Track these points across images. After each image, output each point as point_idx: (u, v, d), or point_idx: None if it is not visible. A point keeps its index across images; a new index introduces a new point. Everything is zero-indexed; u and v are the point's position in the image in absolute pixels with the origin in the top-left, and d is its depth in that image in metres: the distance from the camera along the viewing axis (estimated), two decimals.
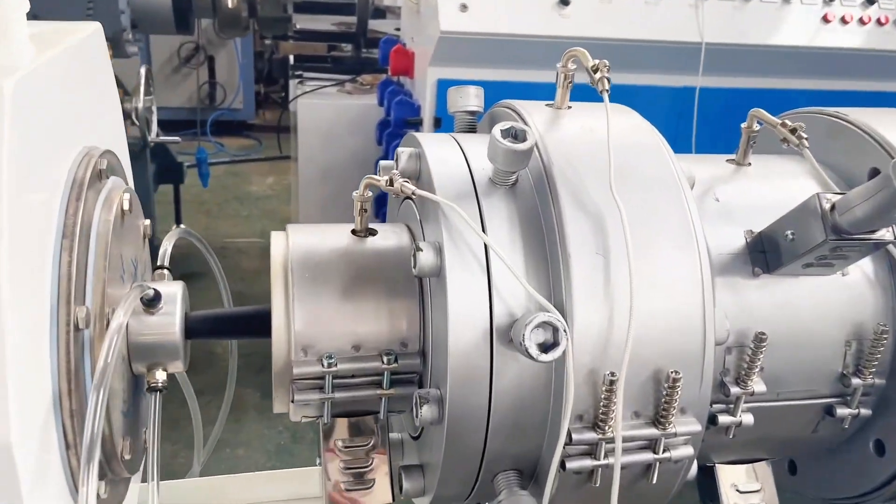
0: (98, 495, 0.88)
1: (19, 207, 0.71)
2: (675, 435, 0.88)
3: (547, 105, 1.03)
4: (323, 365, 0.94)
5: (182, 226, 1.16)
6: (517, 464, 0.93)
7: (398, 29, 4.27)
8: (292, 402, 0.97)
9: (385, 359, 0.96)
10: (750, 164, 1.11)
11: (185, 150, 5.25)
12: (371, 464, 1.02)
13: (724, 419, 0.97)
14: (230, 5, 4.36)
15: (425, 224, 0.98)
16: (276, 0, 4.47)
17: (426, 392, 0.90)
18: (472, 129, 1.10)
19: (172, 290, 0.99)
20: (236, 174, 7.15)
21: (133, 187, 1.04)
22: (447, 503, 1.04)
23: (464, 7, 3.22)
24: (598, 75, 0.92)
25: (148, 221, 1.11)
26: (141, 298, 0.95)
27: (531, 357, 0.82)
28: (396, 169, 0.98)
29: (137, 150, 3.91)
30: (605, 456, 0.87)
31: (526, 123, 0.96)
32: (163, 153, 4.37)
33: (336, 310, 0.96)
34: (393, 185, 0.93)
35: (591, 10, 3.45)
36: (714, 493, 1.10)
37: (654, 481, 0.90)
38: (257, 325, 1.01)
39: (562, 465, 0.87)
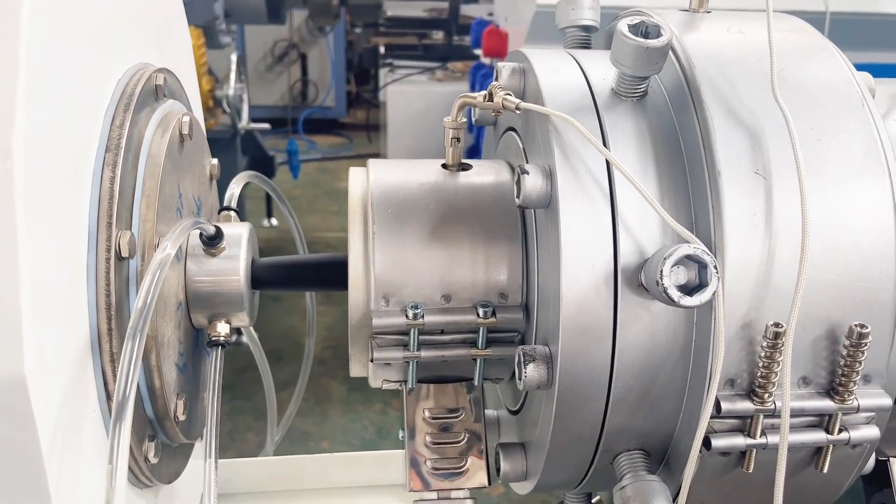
0: (146, 458, 0.76)
1: (43, 109, 0.58)
2: (857, 410, 0.68)
3: (680, 10, 0.84)
4: (408, 316, 0.78)
5: (252, 172, 1.03)
6: (645, 443, 0.75)
7: (491, 14, 4.12)
8: (371, 361, 0.82)
9: (481, 311, 0.79)
10: None
11: (276, 147, 5.28)
12: (463, 439, 0.86)
13: None
14: None
15: (531, 156, 0.81)
16: None
17: (531, 348, 0.73)
18: (586, 48, 0.92)
19: (237, 231, 0.86)
20: (327, 171, 7.18)
21: (193, 115, 0.92)
22: (553, 490, 0.87)
23: None
24: None
25: (216, 161, 0.99)
26: (200, 235, 0.82)
27: (670, 300, 0.64)
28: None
29: (228, 136, 3.90)
30: (763, 433, 0.68)
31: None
32: (254, 146, 4.36)
33: (423, 253, 0.81)
34: (493, 100, 0.77)
35: None
36: (889, 494, 0.89)
37: (825, 470, 0.71)
38: (333, 273, 0.87)
39: (706, 442, 0.69)
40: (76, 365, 0.64)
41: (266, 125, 4.03)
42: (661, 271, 0.63)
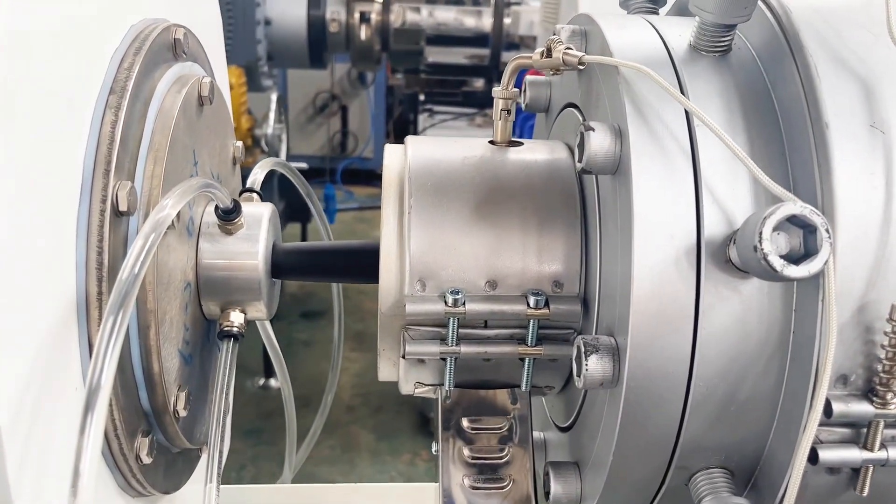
0: (137, 457, 0.65)
1: (26, 31, 0.50)
2: None
3: None
4: (446, 303, 0.67)
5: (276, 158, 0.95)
6: (728, 459, 0.62)
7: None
8: (403, 357, 0.70)
9: (532, 301, 0.68)
10: None
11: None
12: (507, 455, 0.73)
13: None
14: (363, 38, 4.33)
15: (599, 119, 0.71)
16: (408, 33, 4.41)
17: (594, 338, 0.62)
18: None
19: (258, 211, 0.77)
20: (363, 220, 7.19)
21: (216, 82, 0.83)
22: None
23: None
24: None
25: (240, 143, 0.90)
26: (216, 209, 0.73)
27: (772, 271, 0.52)
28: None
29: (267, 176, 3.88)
30: (883, 445, 0.55)
31: None
32: (291, 189, 4.34)
33: (466, 232, 0.70)
34: (551, 56, 0.67)
35: None
36: None
37: None
38: (364, 262, 0.76)
39: (811, 455, 0.56)
40: (56, 331, 0.54)
41: (303, 165, 4.01)
42: (761, 233, 0.52)
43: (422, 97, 4.93)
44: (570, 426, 0.76)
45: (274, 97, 3.84)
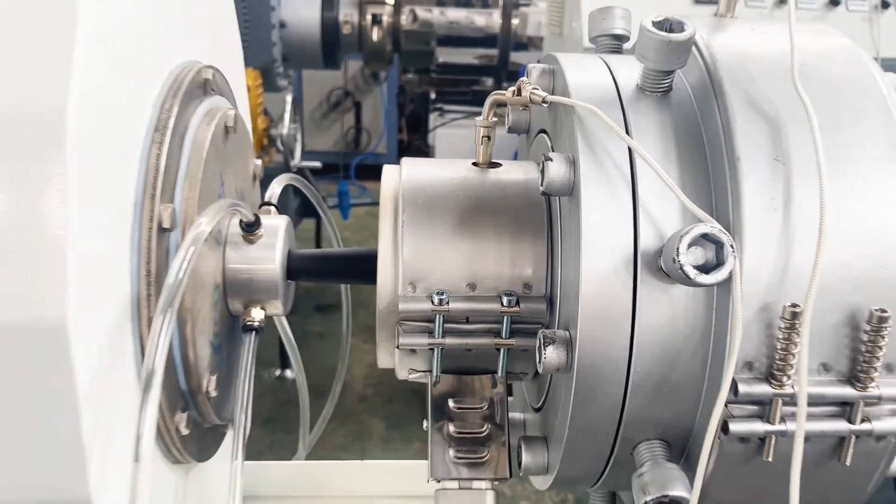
0: (177, 429, 0.79)
1: (95, 95, 0.63)
2: (879, 399, 0.67)
3: (710, 16, 0.87)
4: (433, 302, 0.81)
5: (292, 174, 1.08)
6: (665, 432, 0.75)
7: (539, 61, 4.19)
8: (397, 347, 0.84)
9: (505, 300, 0.81)
10: None
11: (329, 192, 5.41)
12: (486, 431, 0.86)
13: None
14: (375, 39, 4.46)
15: (557, 150, 0.84)
16: (419, 34, 4.53)
17: (552, 332, 0.75)
18: None
19: (275, 223, 0.90)
20: (376, 215, 7.27)
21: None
22: (572, 486, 0.86)
23: None
24: None
25: (259, 161, 1.04)
26: (239, 222, 0.86)
27: (686, 278, 0.65)
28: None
29: (280, 174, 4.02)
30: (783, 420, 0.68)
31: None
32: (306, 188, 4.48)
33: (450, 242, 0.83)
34: (521, 94, 0.80)
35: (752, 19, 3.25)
36: None
37: (848, 462, 0.69)
38: (364, 266, 0.90)
39: (723, 427, 0.68)
40: (116, 325, 0.68)
41: (317, 164, 4.15)
42: (678, 249, 0.64)
43: (433, 96, 5.05)
44: (541, 407, 0.89)
45: (289, 98, 3.97)
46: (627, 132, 0.74)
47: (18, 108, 0.59)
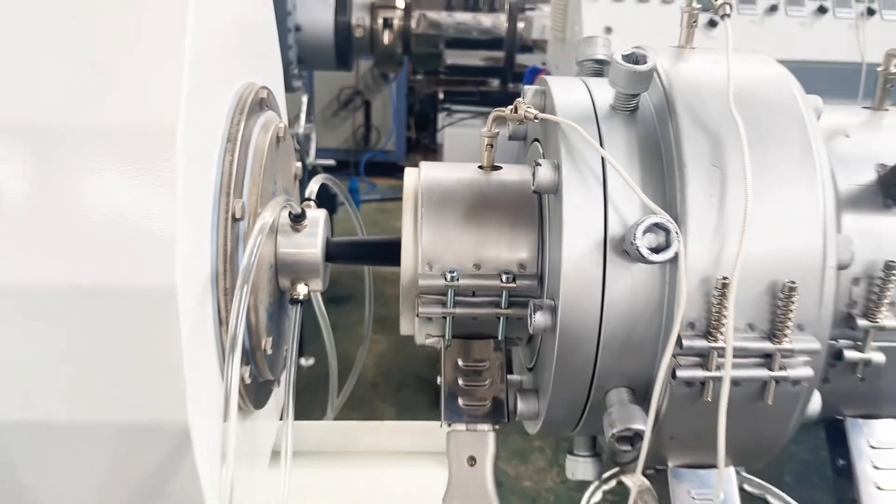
0: (243, 379, 0.99)
1: (195, 115, 0.83)
2: (792, 353, 0.87)
3: (672, 47, 1.06)
4: (446, 279, 1.01)
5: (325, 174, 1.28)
6: (630, 382, 0.95)
7: (544, 63, 4.39)
8: (417, 316, 1.04)
9: (504, 277, 1.01)
10: (887, 109, 1.08)
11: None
12: (488, 385, 1.06)
13: (850, 354, 0.94)
14: (386, 42, 4.65)
15: (547, 157, 1.04)
16: (428, 37, 4.73)
17: (540, 301, 0.95)
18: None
19: (316, 215, 1.10)
20: (385, 211, 7.50)
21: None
22: (557, 430, 1.06)
23: (608, 30, 3.29)
24: (719, 2, 0.95)
25: (299, 164, 1.24)
26: (289, 214, 1.06)
27: (642, 258, 0.84)
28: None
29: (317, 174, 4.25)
30: (718, 368, 0.87)
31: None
32: (321, 189, 4.70)
33: (459, 230, 1.03)
34: (517, 112, 1.00)
35: (742, 32, 3.44)
36: (845, 450, 1.06)
37: (771, 402, 0.89)
38: (389, 252, 1.10)
39: (672, 374, 0.88)
40: (202, 292, 0.88)
41: (331, 162, 4.35)
42: (635, 234, 0.84)
43: (441, 96, 5.24)
44: (533, 367, 1.09)
45: (305, 99, 4.18)
46: (601, 144, 0.94)
47: (140, 122, 0.79)
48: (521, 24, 4.65)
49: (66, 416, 0.83)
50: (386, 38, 4.66)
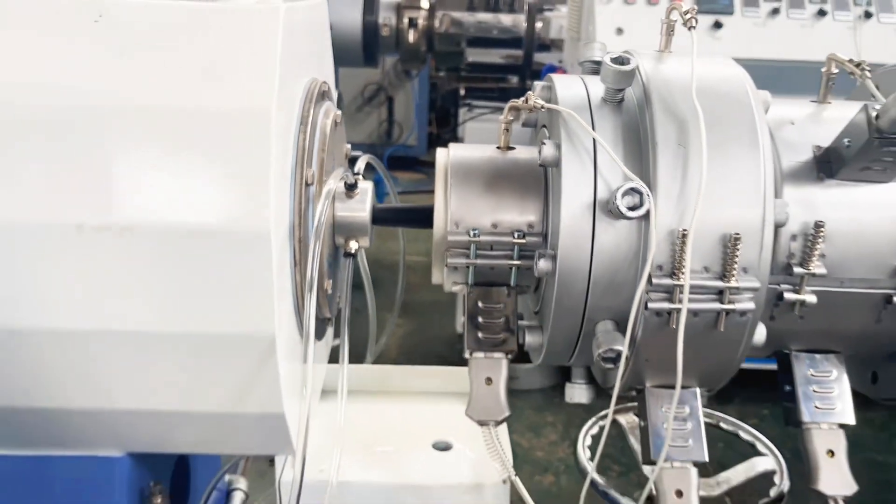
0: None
1: (285, 102, 1.10)
2: (738, 290, 1.12)
3: (654, 51, 1.31)
4: (469, 235, 1.27)
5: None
6: (614, 315, 1.20)
7: (560, 61, 4.63)
8: (446, 266, 1.30)
9: (516, 234, 1.27)
10: (830, 103, 1.33)
11: None
12: (502, 321, 1.32)
13: (789, 296, 1.19)
14: (411, 41, 4.92)
15: (551, 136, 1.29)
16: (451, 36, 4.98)
17: (544, 251, 1.21)
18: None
19: (366, 186, 1.37)
20: (407, 203, 7.76)
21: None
22: (556, 359, 1.32)
23: (619, 31, 3.53)
24: (688, 16, 1.20)
25: (349, 146, 1.50)
26: (343, 184, 1.33)
27: (622, 215, 1.10)
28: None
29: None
30: (680, 300, 1.13)
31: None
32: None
33: (480, 197, 1.29)
34: (528, 102, 1.26)
35: (745, 33, 3.67)
36: (791, 378, 1.30)
37: (723, 329, 1.14)
38: (423, 216, 1.36)
39: (645, 306, 1.14)
40: (284, 239, 1.14)
41: (359, 153, 4.60)
42: (616, 196, 1.10)
43: (462, 92, 5.49)
44: (538, 311, 1.35)
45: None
46: (593, 128, 1.19)
47: (244, 107, 1.05)
48: (539, 24, 4.89)
49: (176, 328, 1.10)
50: (411, 36, 4.92)
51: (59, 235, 1.06)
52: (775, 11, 3.61)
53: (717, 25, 3.59)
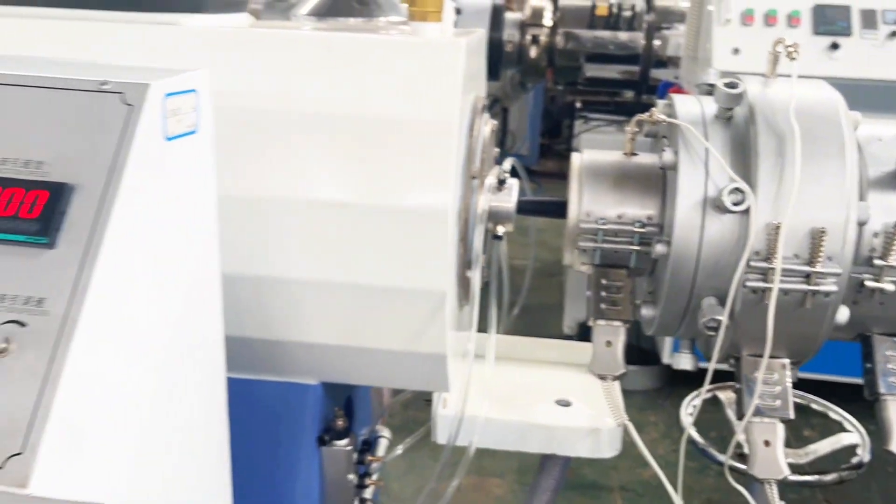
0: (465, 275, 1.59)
1: (461, 114, 1.43)
2: (823, 274, 1.37)
3: (760, 75, 1.57)
4: (597, 223, 1.56)
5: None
6: (717, 293, 1.47)
7: (676, 77, 4.83)
8: (576, 249, 1.60)
9: (637, 224, 1.56)
10: None
11: None
12: (621, 296, 1.61)
13: (869, 283, 1.42)
14: (533, 56, 5.22)
15: (670, 145, 1.57)
16: (571, 52, 5.26)
17: (660, 237, 1.49)
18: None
19: (512, 182, 1.69)
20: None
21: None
22: (666, 330, 1.59)
23: (736, 51, 3.71)
24: (790, 49, 1.46)
25: (497, 150, 1.83)
26: (497, 179, 1.65)
27: (727, 209, 1.37)
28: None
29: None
30: (773, 281, 1.38)
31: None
32: None
33: (608, 192, 1.59)
34: (652, 116, 1.54)
35: (863, 53, 3.79)
36: (872, 357, 1.53)
37: (809, 307, 1.39)
38: (559, 207, 1.66)
39: (743, 284, 1.40)
40: (453, 217, 1.47)
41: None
42: (723, 192, 1.37)
43: (578, 105, 5.76)
44: (652, 291, 1.63)
45: None
46: (706, 139, 1.47)
47: (435, 118, 1.39)
48: (657, 42, 5.10)
49: (369, 281, 1.45)
50: (533, 52, 5.23)
51: (293, 208, 1.43)
52: (894, 34, 3.71)
53: (835, 47, 3.72)
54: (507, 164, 1.79)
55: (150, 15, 1.50)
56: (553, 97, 7.25)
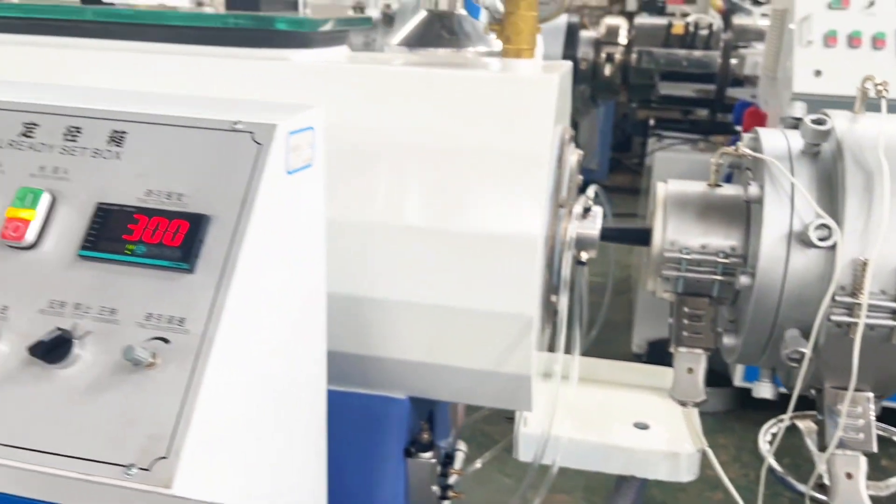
0: (549, 300, 1.65)
1: (551, 147, 1.50)
2: None
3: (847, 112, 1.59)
4: (681, 253, 1.61)
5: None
6: (800, 325, 1.49)
7: (753, 96, 4.78)
8: (660, 276, 1.64)
9: (720, 255, 1.59)
10: None
11: None
12: (703, 324, 1.64)
13: None
14: (607, 74, 5.25)
15: (756, 178, 1.60)
16: (645, 70, 5.27)
17: (744, 269, 1.52)
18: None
19: (597, 210, 1.74)
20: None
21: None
22: (747, 360, 1.62)
23: (818, 73, 3.67)
24: (879, 87, 1.48)
25: (581, 177, 1.89)
26: (582, 207, 1.71)
27: (813, 244, 1.40)
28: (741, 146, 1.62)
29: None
30: (859, 316, 1.40)
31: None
32: None
33: (693, 222, 1.63)
34: (738, 151, 1.58)
35: None
36: None
37: (894, 342, 1.41)
38: (642, 235, 1.71)
39: (828, 318, 1.42)
40: (542, 244, 1.54)
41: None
42: (809, 228, 1.40)
43: (651, 122, 5.75)
44: (734, 320, 1.66)
45: None
46: (792, 174, 1.50)
47: (528, 151, 1.46)
48: (734, 61, 5.06)
49: (459, 304, 1.53)
50: (607, 70, 5.26)
51: (391, 233, 1.52)
52: None
53: None
54: (591, 190, 1.85)
55: (263, 51, 1.62)
56: (625, 114, 7.24)
